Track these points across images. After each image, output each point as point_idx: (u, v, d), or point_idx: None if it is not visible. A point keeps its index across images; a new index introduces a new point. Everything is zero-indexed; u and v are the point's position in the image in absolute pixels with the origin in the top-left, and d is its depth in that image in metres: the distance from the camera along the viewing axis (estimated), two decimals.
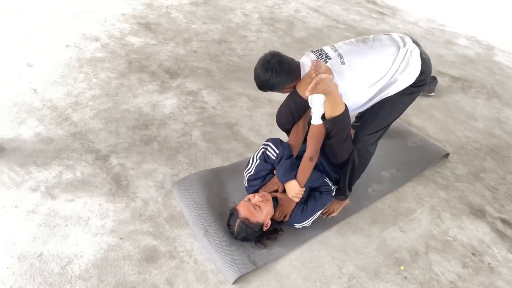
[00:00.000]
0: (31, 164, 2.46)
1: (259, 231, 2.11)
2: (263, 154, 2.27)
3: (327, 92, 1.93)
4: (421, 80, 2.11)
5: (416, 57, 2.09)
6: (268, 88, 2.06)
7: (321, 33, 4.55)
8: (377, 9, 5.48)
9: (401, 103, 2.16)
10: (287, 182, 2.16)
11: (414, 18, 5.34)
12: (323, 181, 2.27)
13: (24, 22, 4.06)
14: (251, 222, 2.07)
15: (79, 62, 3.51)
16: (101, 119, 2.90)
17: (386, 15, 5.32)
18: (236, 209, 2.13)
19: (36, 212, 2.18)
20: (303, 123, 2.27)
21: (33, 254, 1.98)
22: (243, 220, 2.06)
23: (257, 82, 2.08)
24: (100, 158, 2.57)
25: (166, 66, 3.59)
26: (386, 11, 5.47)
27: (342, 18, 5.04)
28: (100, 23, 4.18)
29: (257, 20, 4.68)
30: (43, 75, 3.29)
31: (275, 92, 2.12)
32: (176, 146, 2.74)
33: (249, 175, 2.32)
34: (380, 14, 5.32)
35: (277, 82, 2.01)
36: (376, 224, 2.35)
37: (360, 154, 2.22)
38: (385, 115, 2.17)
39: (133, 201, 2.32)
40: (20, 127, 2.73)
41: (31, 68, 3.36)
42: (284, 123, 2.29)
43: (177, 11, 4.65)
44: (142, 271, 1.96)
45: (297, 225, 2.22)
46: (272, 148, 2.25)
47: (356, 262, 2.12)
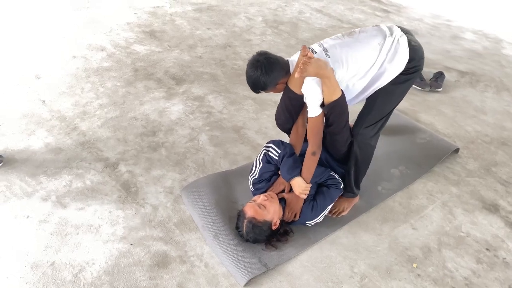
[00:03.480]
0: (41, 174, 2.49)
1: (267, 230, 2.10)
2: (265, 155, 2.27)
3: (320, 74, 1.92)
4: (412, 67, 2.09)
5: (404, 44, 2.06)
6: (261, 86, 2.05)
7: (326, 34, 4.54)
8: (382, 7, 5.46)
9: (395, 92, 2.14)
10: (292, 180, 2.16)
11: (419, 15, 5.31)
12: (329, 175, 2.26)
13: (31, 35, 4.12)
14: (258, 221, 2.07)
15: (86, 72, 3.55)
16: (109, 127, 2.92)
17: (390, 13, 5.29)
18: (242, 211, 2.13)
19: (48, 222, 2.20)
20: (302, 121, 2.26)
21: (46, 263, 1.99)
22: (250, 220, 2.07)
23: (249, 82, 2.09)
24: (109, 166, 2.59)
25: (172, 73, 3.62)
26: (391, 8, 5.45)
27: (346, 17, 5.03)
28: (106, 33, 4.23)
29: (261, 23, 4.70)
30: (51, 86, 3.33)
31: (269, 91, 2.11)
32: (184, 151, 2.75)
33: (254, 179, 2.32)
34: (384, 12, 5.30)
35: (268, 78, 2.02)
36: (387, 222, 2.33)
37: (361, 147, 2.20)
38: (381, 106, 2.15)
39: (143, 207, 2.33)
40: (30, 138, 2.76)
41: (39, 80, 3.41)
42: (283, 122, 2.28)
43: (181, 18, 4.69)
44: (154, 277, 1.97)
45: (309, 222, 2.21)
46: (273, 148, 2.25)
47: (368, 261, 2.10)
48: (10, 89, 3.27)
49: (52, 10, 4.69)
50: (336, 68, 1.99)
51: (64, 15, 4.60)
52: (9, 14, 4.53)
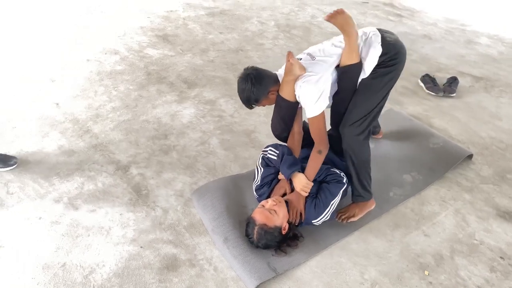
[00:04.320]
0: (54, 176, 2.52)
1: (278, 236, 2.09)
2: (263, 159, 2.31)
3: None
4: (388, 60, 2.12)
5: (376, 39, 2.12)
6: (255, 97, 2.11)
7: None
8: (395, 12, 5.43)
9: (375, 86, 2.16)
10: (293, 175, 2.18)
11: (433, 19, 5.27)
12: (328, 171, 2.25)
13: (45, 38, 4.19)
14: (269, 227, 2.06)
15: (99, 76, 3.59)
16: (121, 130, 2.95)
17: (404, 17, 5.26)
18: (252, 217, 2.11)
19: (59, 223, 2.22)
20: (297, 128, 2.30)
21: (57, 264, 2.01)
22: (261, 226, 2.05)
23: (243, 96, 2.15)
24: (120, 169, 2.61)
25: (184, 77, 3.64)
26: (404, 13, 5.41)
27: (359, 22, 5.01)
28: (119, 36, 4.28)
29: (273, 28, 4.70)
30: (65, 89, 3.38)
31: (263, 102, 2.17)
32: (195, 154, 2.76)
33: (256, 185, 2.34)
34: (397, 17, 5.27)
35: (260, 87, 2.09)
36: (399, 228, 2.30)
37: (351, 146, 2.21)
38: (364, 101, 2.17)
39: (153, 210, 2.34)
40: (44, 141, 2.80)
41: (53, 83, 3.46)
42: (279, 132, 2.34)
43: (194, 22, 4.72)
44: (163, 280, 1.97)
45: (315, 221, 2.20)
46: (272, 150, 2.30)
47: (378, 268, 2.08)
48: (25, 91, 3.33)
49: (67, 13, 4.77)
50: (319, 65, 2.10)
51: (78, 18, 4.67)
52: (24, 18, 4.61)
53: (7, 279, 1.93)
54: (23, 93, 3.31)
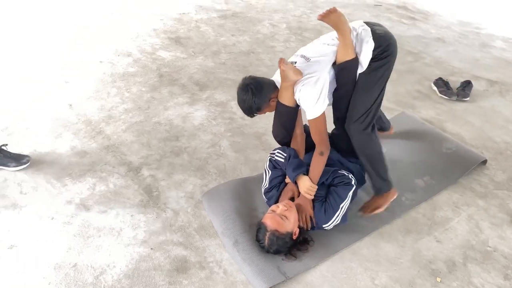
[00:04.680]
0: (66, 177, 2.54)
1: (290, 241, 2.08)
2: (271, 162, 2.31)
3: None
4: (381, 52, 2.15)
5: (367, 33, 2.15)
6: (256, 107, 2.15)
7: None
8: (408, 15, 5.39)
9: (372, 80, 2.19)
10: (298, 178, 2.18)
11: (447, 22, 5.22)
12: (335, 174, 2.23)
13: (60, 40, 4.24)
14: (281, 233, 2.04)
15: (112, 77, 3.62)
16: (133, 131, 2.97)
17: (417, 20, 5.22)
18: (263, 223, 2.09)
19: (71, 223, 2.24)
20: (299, 131, 2.32)
21: (68, 264, 2.03)
22: (273, 232, 2.04)
23: (244, 107, 2.18)
24: (132, 170, 2.63)
25: (196, 79, 3.65)
26: (418, 16, 5.37)
27: None
28: (132, 38, 4.31)
29: (285, 30, 4.70)
30: (78, 90, 3.41)
31: (264, 110, 2.20)
32: (206, 156, 2.76)
33: (265, 188, 2.34)
34: (411, 20, 5.23)
35: (261, 96, 2.13)
36: (410, 233, 2.27)
37: (359, 141, 2.25)
38: (364, 97, 2.20)
39: (164, 212, 2.34)
40: (57, 141, 2.83)
41: (67, 84, 3.49)
42: (281, 138, 2.36)
43: (206, 25, 4.74)
44: (173, 282, 1.97)
45: (326, 226, 2.18)
46: (279, 152, 2.30)
47: (389, 273, 2.06)
48: (39, 92, 3.37)
49: (81, 15, 4.82)
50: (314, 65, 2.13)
51: (92, 20, 4.72)
52: (38, 19, 4.68)
53: (19, 278, 1.96)
54: (37, 93, 3.35)
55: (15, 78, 3.56)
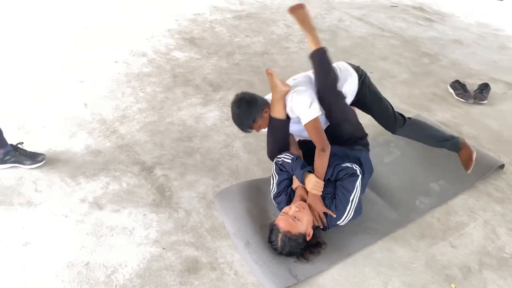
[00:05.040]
0: (80, 175, 2.57)
1: (303, 243, 2.06)
2: (277, 165, 2.32)
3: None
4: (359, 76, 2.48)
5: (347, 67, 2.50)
6: (252, 117, 2.24)
7: (366, 42, 4.47)
8: (425, 16, 5.32)
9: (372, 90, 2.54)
10: (305, 177, 2.19)
11: (465, 24, 5.14)
12: (339, 168, 2.20)
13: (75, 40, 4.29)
14: (293, 234, 2.03)
15: (127, 77, 3.65)
16: (147, 131, 2.98)
17: (434, 22, 5.15)
18: (275, 224, 2.08)
19: (84, 222, 2.26)
20: (294, 147, 2.42)
21: (81, 262, 2.04)
22: (285, 234, 2.02)
23: (237, 121, 2.30)
24: (145, 170, 2.64)
25: (210, 79, 3.66)
26: (434, 17, 5.30)
27: (387, 26, 4.93)
28: (147, 39, 4.34)
29: (299, 31, 4.67)
30: (94, 90, 3.45)
31: (258, 122, 2.28)
32: (218, 157, 2.76)
33: (273, 193, 2.33)
34: (427, 21, 5.16)
35: (254, 107, 2.24)
36: (424, 238, 2.24)
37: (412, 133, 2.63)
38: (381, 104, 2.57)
39: (176, 212, 2.35)
40: (72, 140, 2.86)
41: (82, 84, 3.53)
42: (275, 154, 2.37)
43: (220, 25, 4.75)
44: (184, 282, 1.98)
45: (340, 222, 2.16)
46: (286, 155, 2.30)
47: (402, 278, 2.03)
48: (55, 92, 3.41)
49: (97, 15, 4.88)
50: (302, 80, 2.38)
51: (108, 20, 4.77)
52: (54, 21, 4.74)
53: (32, 275, 1.98)
54: (53, 92, 3.40)
55: (32, 77, 3.61)
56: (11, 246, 2.12)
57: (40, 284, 1.94)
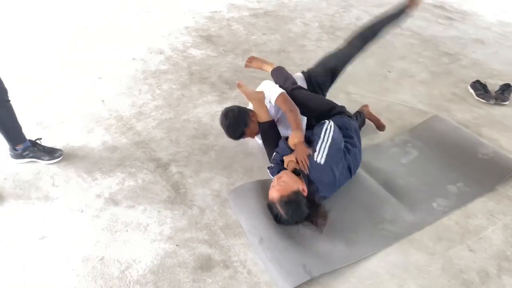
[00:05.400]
0: (97, 171, 2.59)
1: (303, 199, 2.15)
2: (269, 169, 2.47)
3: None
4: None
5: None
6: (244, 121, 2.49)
7: (384, 40, 4.38)
8: (445, 14, 5.22)
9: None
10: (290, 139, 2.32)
11: (487, 23, 5.02)
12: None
13: (94, 37, 4.34)
14: (288, 195, 2.13)
15: (144, 74, 3.67)
16: (163, 128, 3.00)
17: (455, 20, 5.05)
18: (269, 200, 2.20)
19: (100, 217, 2.28)
20: None
21: (96, 257, 2.06)
22: (281, 199, 2.12)
23: (229, 131, 2.54)
24: (160, 166, 2.65)
25: (226, 77, 3.66)
26: (455, 16, 5.19)
27: (406, 24, 4.84)
28: (165, 36, 4.36)
29: (317, 29, 4.64)
30: (111, 86, 3.48)
31: (250, 126, 2.51)
32: (233, 155, 2.76)
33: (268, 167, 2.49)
34: (448, 20, 5.06)
35: (241, 116, 2.50)
36: (442, 241, 2.20)
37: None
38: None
39: (190, 209, 2.36)
40: (89, 136, 2.89)
41: (100, 80, 3.57)
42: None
43: (237, 23, 4.74)
44: (197, 279, 1.98)
45: (316, 156, 2.20)
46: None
47: (418, 282, 1.99)
48: (73, 87, 3.46)
49: (116, 13, 4.92)
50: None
51: (126, 18, 4.81)
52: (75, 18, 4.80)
53: (48, 269, 2.01)
54: (71, 88, 3.44)
55: (53, 71, 3.67)
56: (28, 240, 2.15)
57: (56, 278, 1.97)
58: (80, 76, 3.64)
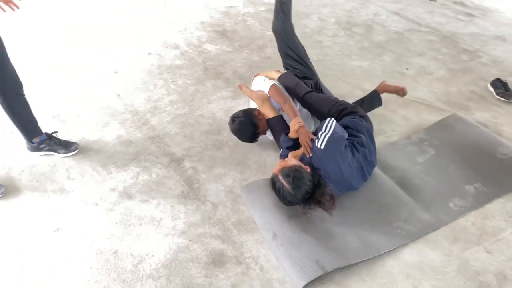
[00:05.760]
0: (111, 165, 2.61)
1: (303, 172, 2.15)
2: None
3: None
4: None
5: None
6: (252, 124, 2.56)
7: (402, 37, 4.33)
8: (465, 11, 5.11)
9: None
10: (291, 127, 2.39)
11: (508, 19, 4.89)
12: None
13: (110, 32, 4.37)
14: (289, 167, 2.15)
15: (159, 69, 3.68)
16: (177, 123, 3.00)
17: (475, 17, 4.93)
18: (272, 175, 2.21)
19: (114, 211, 2.30)
20: None
21: (109, 251, 2.08)
22: (283, 171, 2.14)
23: (241, 136, 2.66)
24: (174, 161, 2.66)
25: (240, 73, 3.64)
26: (476, 12, 5.08)
27: (425, 21, 4.76)
28: (180, 31, 4.37)
29: (333, 25, 4.59)
30: (127, 81, 3.50)
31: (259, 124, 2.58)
32: (246, 151, 2.75)
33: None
34: (468, 16, 4.95)
35: (247, 117, 2.57)
36: (458, 242, 2.15)
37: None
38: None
39: (203, 204, 2.36)
40: (104, 130, 2.92)
41: (116, 75, 3.59)
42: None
43: (253, 18, 4.71)
44: (209, 275, 1.98)
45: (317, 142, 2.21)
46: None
47: (433, 282, 1.96)
48: (90, 81, 3.49)
49: (132, 8, 4.94)
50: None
51: (142, 13, 4.82)
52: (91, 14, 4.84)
53: (63, 261, 2.03)
54: (88, 82, 3.47)
55: (68, 66, 3.70)
56: (43, 231, 2.18)
57: (70, 270, 1.99)
58: (96, 70, 3.67)
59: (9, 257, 2.06)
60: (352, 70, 3.73)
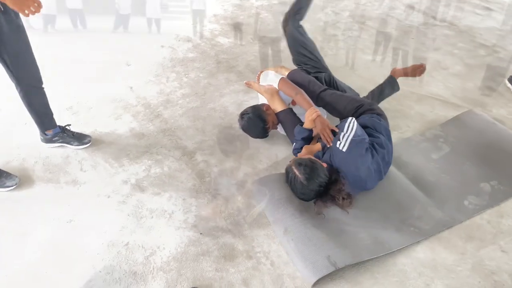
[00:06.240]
0: (124, 157, 2.62)
1: (317, 163, 2.16)
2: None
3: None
4: None
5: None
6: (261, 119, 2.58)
7: (417, 31, 4.26)
8: (483, 4, 5.01)
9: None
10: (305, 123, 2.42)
11: None
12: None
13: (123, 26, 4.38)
14: (303, 160, 2.17)
15: (172, 62, 3.68)
16: (189, 117, 3.00)
17: (493, 11, 4.84)
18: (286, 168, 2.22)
19: (126, 203, 2.31)
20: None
21: (121, 243, 2.09)
22: (297, 160, 2.18)
23: (252, 133, 2.68)
24: (186, 154, 2.66)
25: (253, 66, 3.62)
26: (494, 6, 4.98)
27: (441, 15, 4.68)
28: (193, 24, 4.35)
29: (347, 18, 4.54)
30: (139, 74, 3.50)
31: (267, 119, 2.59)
32: (258, 146, 2.73)
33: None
34: (486, 10, 4.86)
35: (256, 112, 2.59)
36: (472, 241, 2.12)
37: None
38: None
39: (215, 198, 2.35)
40: (117, 122, 2.92)
41: (129, 67, 3.60)
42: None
43: (266, 11, 4.68)
44: (220, 269, 1.98)
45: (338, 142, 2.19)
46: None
47: (446, 281, 1.93)
48: (103, 74, 3.50)
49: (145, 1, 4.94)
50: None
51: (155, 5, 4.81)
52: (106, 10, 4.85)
53: (75, 252, 2.05)
54: (101, 75, 3.48)
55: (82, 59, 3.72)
56: (56, 222, 2.20)
57: (82, 261, 2.00)
58: (109, 63, 3.67)
59: (22, 247, 2.08)
60: (365, 64, 3.69)
